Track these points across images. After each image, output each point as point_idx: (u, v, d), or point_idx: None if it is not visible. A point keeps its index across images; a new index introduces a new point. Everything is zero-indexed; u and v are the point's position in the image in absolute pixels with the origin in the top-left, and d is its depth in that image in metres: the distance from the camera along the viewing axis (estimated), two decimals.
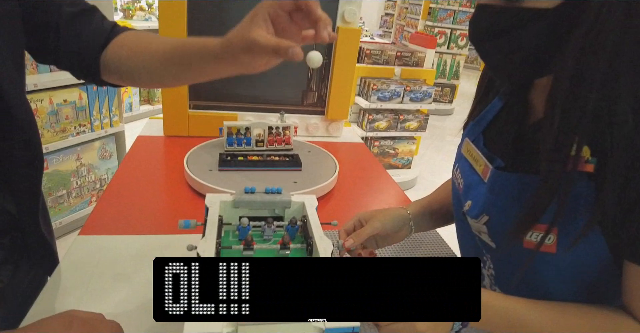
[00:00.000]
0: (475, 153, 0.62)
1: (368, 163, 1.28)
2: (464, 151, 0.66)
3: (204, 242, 0.56)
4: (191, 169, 0.98)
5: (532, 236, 0.50)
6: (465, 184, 0.64)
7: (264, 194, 0.70)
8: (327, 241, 0.59)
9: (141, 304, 0.63)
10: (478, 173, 0.60)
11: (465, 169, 0.65)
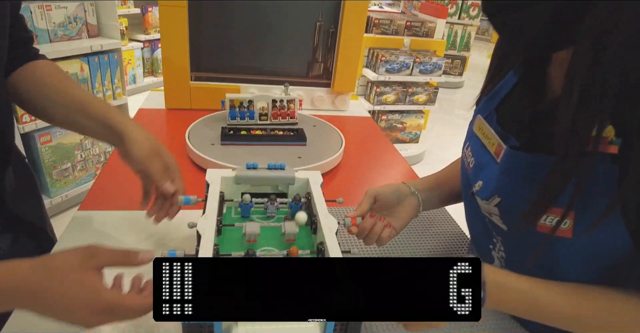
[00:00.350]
0: (487, 130, 0.58)
1: (375, 138, 1.24)
2: (476, 129, 0.62)
3: (204, 219, 0.54)
4: (193, 144, 0.96)
5: (546, 220, 0.47)
6: (476, 164, 0.60)
7: (267, 170, 0.67)
8: (332, 219, 0.57)
9: None
10: (490, 153, 0.57)
11: (476, 147, 0.61)
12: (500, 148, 0.55)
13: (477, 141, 0.61)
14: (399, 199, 0.66)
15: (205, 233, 0.51)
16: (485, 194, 0.56)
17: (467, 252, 0.76)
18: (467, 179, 0.63)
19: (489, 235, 0.60)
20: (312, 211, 0.62)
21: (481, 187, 0.58)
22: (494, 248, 0.59)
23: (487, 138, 0.58)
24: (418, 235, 0.80)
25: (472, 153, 0.62)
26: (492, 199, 0.55)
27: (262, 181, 0.66)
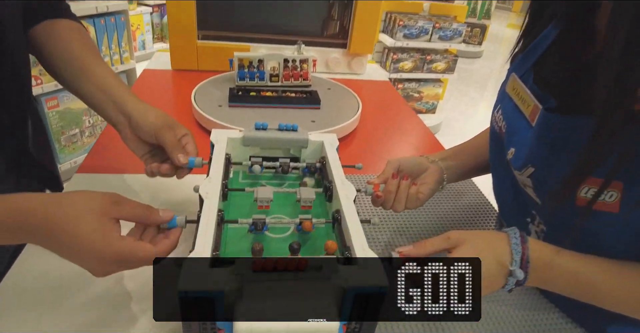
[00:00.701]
0: (522, 91, 0.51)
1: (394, 103, 1.16)
2: (509, 89, 0.55)
3: (208, 183, 0.48)
4: (199, 105, 0.89)
5: (587, 192, 0.41)
6: (508, 129, 0.53)
7: (277, 131, 0.61)
8: (350, 186, 0.51)
9: None
10: (525, 116, 0.50)
11: (509, 110, 0.54)
12: (536, 110, 0.47)
13: (510, 103, 0.54)
14: (421, 168, 0.61)
15: (208, 197, 0.46)
16: (518, 163, 0.50)
17: (495, 225, 0.70)
18: (498, 146, 0.56)
19: (525, 208, 0.53)
20: (327, 177, 0.56)
21: (514, 155, 0.51)
22: (532, 221, 0.52)
23: (522, 99, 0.51)
24: (444, 206, 0.73)
25: (504, 116, 0.55)
26: (525, 169, 0.49)
27: (272, 143, 0.60)
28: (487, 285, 0.42)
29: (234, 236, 0.48)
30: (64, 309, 0.47)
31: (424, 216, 0.70)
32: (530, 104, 0.49)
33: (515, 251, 0.42)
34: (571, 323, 0.53)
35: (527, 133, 0.49)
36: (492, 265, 0.42)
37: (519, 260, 0.42)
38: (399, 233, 0.65)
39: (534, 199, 0.50)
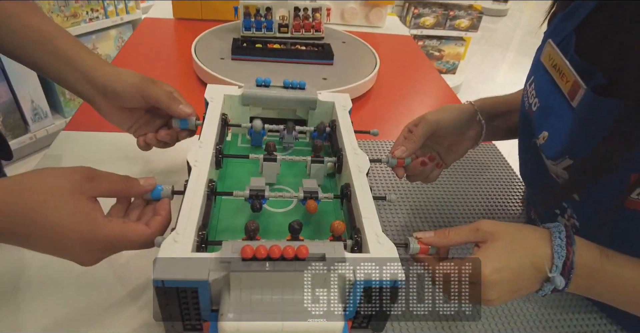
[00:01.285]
0: (561, 62, 0.40)
1: (415, 61, 1.05)
2: (544, 59, 0.44)
3: (198, 148, 0.42)
4: (200, 57, 0.81)
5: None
6: (541, 107, 0.44)
7: (282, 89, 0.53)
8: (363, 157, 0.44)
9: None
10: (563, 93, 0.40)
11: (543, 85, 0.44)
12: (577, 88, 0.38)
13: (546, 76, 0.43)
14: (461, 130, 0.51)
15: (197, 164, 0.39)
16: (551, 151, 0.41)
17: (523, 206, 0.62)
18: (528, 125, 0.47)
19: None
20: (337, 145, 0.48)
21: (546, 140, 0.42)
22: (563, 214, 0.45)
23: (560, 72, 0.41)
24: (468, 181, 0.66)
25: (537, 92, 0.45)
26: (561, 161, 0.40)
27: (276, 102, 0.53)
28: (515, 290, 0.35)
29: (229, 210, 0.42)
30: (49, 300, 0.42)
31: (444, 193, 0.63)
32: (570, 79, 0.39)
33: (558, 255, 0.34)
34: (612, 325, 0.46)
35: (566, 115, 0.39)
36: (526, 268, 0.34)
37: (561, 266, 0.34)
38: (414, 212, 0.58)
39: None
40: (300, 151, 0.53)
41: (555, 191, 0.39)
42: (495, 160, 0.72)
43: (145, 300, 0.42)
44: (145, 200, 0.39)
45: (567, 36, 0.41)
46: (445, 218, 0.58)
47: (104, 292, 0.42)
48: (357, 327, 0.35)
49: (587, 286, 0.36)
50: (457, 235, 0.36)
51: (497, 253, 0.34)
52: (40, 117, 1.76)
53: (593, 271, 0.35)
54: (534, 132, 0.45)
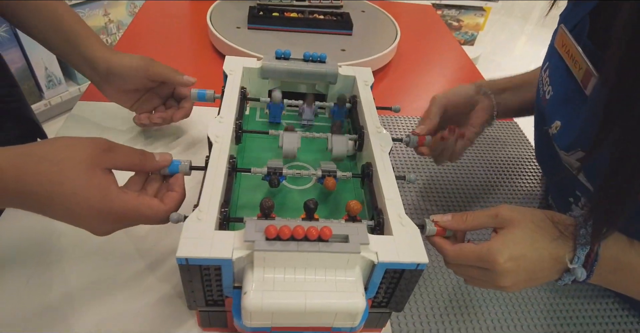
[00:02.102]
0: (573, 48, 0.38)
1: (436, 32, 1.01)
2: (558, 45, 0.42)
3: (218, 123, 0.41)
4: (215, 26, 0.79)
5: None
6: (554, 95, 0.41)
7: (302, 62, 0.51)
8: (386, 135, 0.42)
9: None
10: (577, 81, 0.38)
11: (557, 71, 0.41)
12: (589, 76, 0.35)
13: (560, 63, 0.41)
14: (469, 104, 0.50)
15: (218, 140, 0.39)
16: (563, 141, 0.39)
17: (541, 186, 0.61)
18: (541, 114, 0.45)
19: (569, 186, 0.44)
20: (359, 121, 0.47)
21: (559, 130, 0.40)
22: (576, 203, 0.43)
23: (573, 59, 0.38)
24: (485, 158, 0.65)
25: (551, 78, 0.42)
26: (573, 153, 0.38)
27: (295, 76, 0.51)
28: (532, 279, 0.34)
29: (249, 186, 0.42)
30: (59, 266, 0.43)
31: (461, 173, 0.62)
32: (582, 66, 0.36)
33: (581, 246, 0.33)
34: (634, 317, 0.46)
35: (579, 104, 0.37)
36: (545, 259, 0.33)
37: (584, 257, 0.33)
38: (430, 193, 0.58)
39: (583, 184, 0.40)
40: (320, 127, 0.52)
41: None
42: (514, 136, 0.70)
43: (164, 272, 0.43)
44: (162, 176, 0.39)
45: (581, 21, 0.39)
46: (462, 198, 0.57)
47: (125, 264, 0.43)
48: (377, 306, 0.35)
49: (612, 280, 0.35)
50: (475, 220, 0.35)
51: (515, 241, 0.33)
52: (54, 84, 1.76)
53: (621, 264, 0.34)
54: (546, 121, 0.43)
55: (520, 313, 0.44)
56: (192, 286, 0.31)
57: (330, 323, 0.30)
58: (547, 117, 0.43)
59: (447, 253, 0.36)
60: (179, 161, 0.38)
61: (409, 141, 0.45)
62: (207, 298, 0.33)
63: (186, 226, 0.30)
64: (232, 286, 0.31)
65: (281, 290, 0.29)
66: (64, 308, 0.38)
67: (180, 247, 0.29)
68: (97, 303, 0.39)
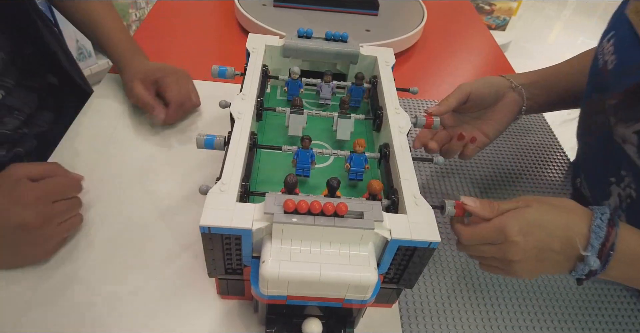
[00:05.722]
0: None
1: (464, 15, 0.99)
2: (631, 12, 0.41)
3: (240, 100, 0.42)
4: (242, 3, 0.79)
5: None
6: (617, 66, 0.41)
7: (324, 41, 0.51)
8: (404, 116, 0.43)
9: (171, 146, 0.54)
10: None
11: (624, 41, 0.40)
12: None
13: (629, 32, 0.40)
14: (496, 96, 0.49)
15: (241, 117, 0.40)
16: (625, 113, 0.39)
17: (565, 177, 0.60)
18: (598, 83, 0.44)
19: (614, 165, 0.43)
20: (378, 102, 0.48)
21: (620, 100, 0.40)
22: (619, 183, 0.43)
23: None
24: (506, 145, 0.64)
25: (615, 48, 0.42)
26: (633, 123, 0.38)
27: (317, 54, 0.51)
28: (541, 259, 0.34)
29: (267, 162, 0.43)
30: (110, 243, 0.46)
31: (479, 157, 0.61)
32: None
33: (596, 235, 0.33)
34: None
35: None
36: (556, 240, 0.34)
37: (598, 247, 0.33)
38: (448, 175, 0.58)
39: (631, 158, 0.40)
40: (337, 108, 0.52)
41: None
42: (537, 123, 0.69)
43: (185, 242, 0.45)
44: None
45: None
46: (475, 182, 0.57)
47: (148, 232, 0.45)
48: (389, 281, 0.36)
49: (632, 275, 0.35)
50: (501, 208, 0.35)
51: (527, 218, 0.34)
52: (85, 56, 1.80)
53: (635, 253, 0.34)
54: (605, 91, 0.42)
55: (527, 299, 0.45)
56: (213, 254, 0.33)
57: (342, 294, 0.31)
58: (609, 87, 0.42)
59: (463, 232, 0.36)
60: (215, 136, 0.39)
61: (415, 121, 0.45)
62: (227, 267, 0.35)
63: (209, 197, 0.32)
64: (250, 256, 0.33)
65: (297, 260, 0.30)
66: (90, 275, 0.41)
67: (203, 216, 0.30)
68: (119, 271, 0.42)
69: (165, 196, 0.49)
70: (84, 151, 0.53)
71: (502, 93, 0.50)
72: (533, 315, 0.43)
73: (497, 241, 0.35)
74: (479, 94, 0.48)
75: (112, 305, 0.39)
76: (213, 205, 0.31)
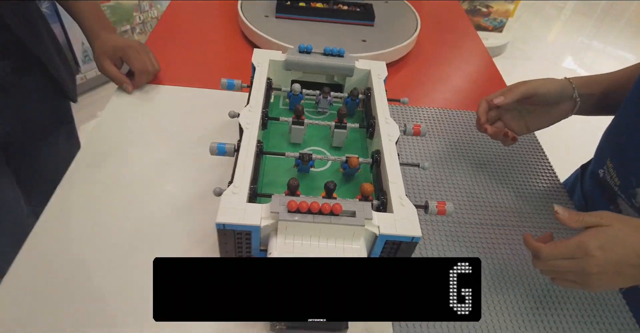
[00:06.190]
0: None
1: (458, 25, 1.04)
2: None
3: (248, 112, 0.47)
4: (245, 15, 0.84)
5: None
6: None
7: (322, 56, 0.57)
8: (394, 126, 0.48)
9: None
10: None
11: None
12: None
13: None
14: (556, 102, 0.53)
15: (248, 127, 0.45)
16: None
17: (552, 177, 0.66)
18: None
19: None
20: (371, 112, 0.53)
21: None
22: None
23: None
24: (497, 151, 0.69)
25: None
26: None
27: (316, 68, 0.57)
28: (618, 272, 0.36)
29: (272, 166, 0.49)
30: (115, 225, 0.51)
31: (470, 163, 0.67)
32: None
33: None
34: None
35: None
36: (632, 255, 0.35)
37: None
38: (436, 179, 0.63)
39: None
40: (334, 115, 0.58)
41: None
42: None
43: (199, 236, 0.50)
44: None
45: None
46: (469, 187, 0.62)
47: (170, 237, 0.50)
48: None
49: None
50: (584, 219, 0.38)
51: (608, 235, 0.36)
52: (90, 58, 1.85)
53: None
54: None
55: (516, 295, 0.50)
56: (227, 247, 0.38)
57: None
58: None
59: (542, 249, 0.39)
60: (225, 143, 0.44)
61: (405, 130, 0.49)
62: None
63: (223, 199, 0.37)
64: (259, 249, 0.38)
65: (299, 253, 0.35)
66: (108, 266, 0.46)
67: (219, 215, 0.35)
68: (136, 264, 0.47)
69: (179, 196, 0.54)
70: (106, 153, 0.59)
71: (562, 100, 0.53)
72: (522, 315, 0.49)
73: (576, 256, 0.37)
74: (545, 95, 0.52)
75: (127, 295, 0.44)
76: (227, 205, 0.36)
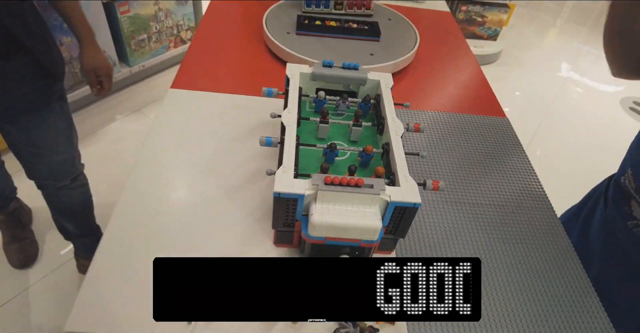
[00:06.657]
0: None
1: (451, 38, 1.18)
2: None
3: (288, 113, 0.61)
4: (270, 31, 0.98)
5: None
6: None
7: (341, 69, 0.71)
8: (399, 123, 0.62)
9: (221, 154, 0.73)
10: None
11: None
12: None
13: None
14: None
15: (289, 125, 0.59)
16: None
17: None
18: None
19: None
20: (380, 113, 0.67)
21: None
22: None
23: None
24: (481, 147, 0.84)
25: None
26: None
27: (336, 79, 0.71)
28: None
29: (304, 156, 0.63)
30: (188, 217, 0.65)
31: (458, 153, 0.81)
32: None
33: None
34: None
35: None
36: None
37: None
38: (433, 164, 0.77)
39: None
40: (351, 116, 0.72)
41: None
42: (503, 132, 0.88)
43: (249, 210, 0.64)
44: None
45: None
46: (458, 167, 0.77)
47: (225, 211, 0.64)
48: (388, 232, 0.55)
49: None
50: None
51: None
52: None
53: None
54: None
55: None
56: (278, 212, 0.52)
57: (360, 236, 0.51)
58: None
59: None
60: (271, 137, 0.58)
61: (407, 127, 0.63)
62: (285, 221, 0.54)
63: (277, 176, 0.51)
64: (301, 214, 0.52)
65: (332, 214, 0.49)
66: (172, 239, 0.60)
67: (276, 186, 0.49)
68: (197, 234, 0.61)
69: (230, 177, 0.68)
70: (167, 145, 0.73)
71: None
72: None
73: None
74: None
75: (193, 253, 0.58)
76: (280, 180, 0.50)
